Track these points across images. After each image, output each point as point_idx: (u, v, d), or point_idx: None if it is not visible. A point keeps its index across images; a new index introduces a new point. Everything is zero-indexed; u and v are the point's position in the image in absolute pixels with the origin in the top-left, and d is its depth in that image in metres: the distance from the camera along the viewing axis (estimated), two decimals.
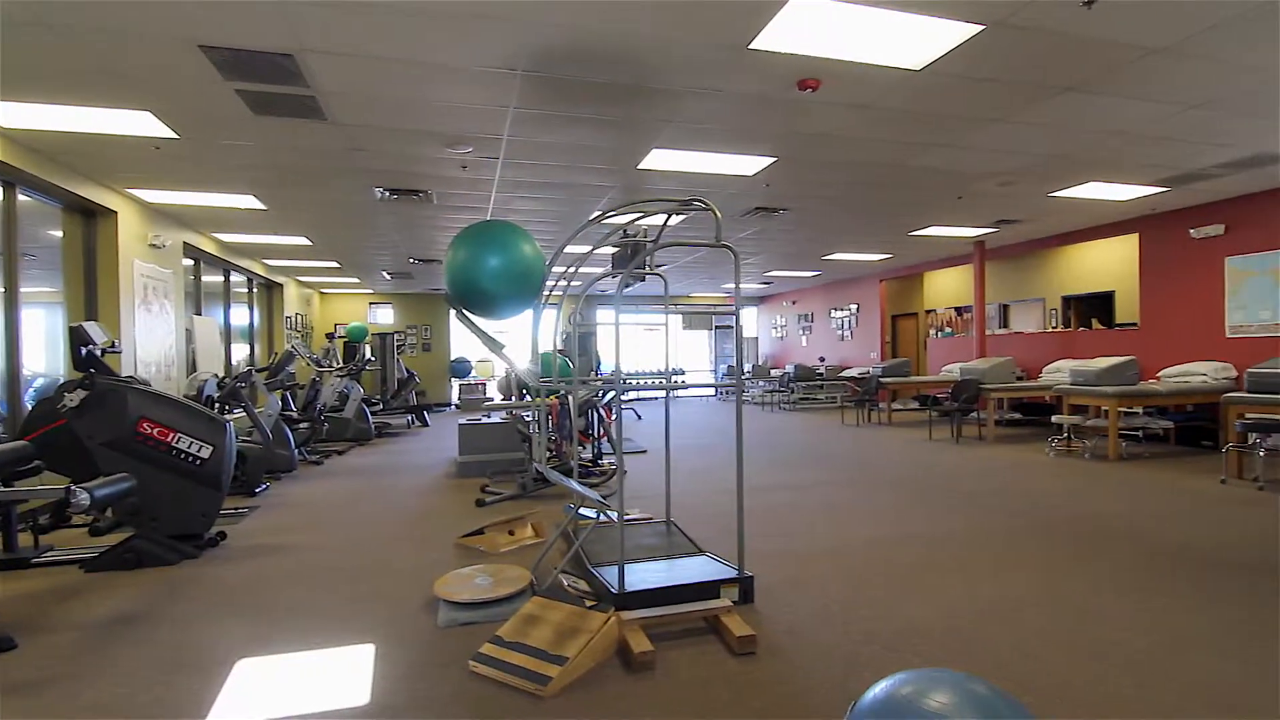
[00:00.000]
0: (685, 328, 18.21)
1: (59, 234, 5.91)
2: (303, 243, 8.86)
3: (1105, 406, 6.90)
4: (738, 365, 3.38)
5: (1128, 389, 6.83)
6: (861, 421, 10.89)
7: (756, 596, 3.11)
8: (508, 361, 3.62)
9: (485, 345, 3.53)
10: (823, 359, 15.39)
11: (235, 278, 9.97)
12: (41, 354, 5.70)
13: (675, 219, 7.57)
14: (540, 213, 7.30)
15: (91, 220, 6.05)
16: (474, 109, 4.29)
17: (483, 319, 3.49)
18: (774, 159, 5.49)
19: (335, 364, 10.13)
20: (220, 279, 9.45)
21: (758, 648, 2.59)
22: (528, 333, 3.76)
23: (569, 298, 4.01)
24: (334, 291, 15.29)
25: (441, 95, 4.06)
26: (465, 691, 2.29)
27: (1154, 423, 7.26)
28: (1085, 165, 5.83)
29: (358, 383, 9.64)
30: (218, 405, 5.92)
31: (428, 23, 3.17)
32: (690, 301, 18.00)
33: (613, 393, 6.65)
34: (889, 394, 11.08)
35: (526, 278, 3.28)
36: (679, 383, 3.53)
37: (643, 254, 3.33)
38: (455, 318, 3.39)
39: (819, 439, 8.89)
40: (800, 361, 15.79)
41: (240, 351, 10.26)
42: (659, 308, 16.25)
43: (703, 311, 18.15)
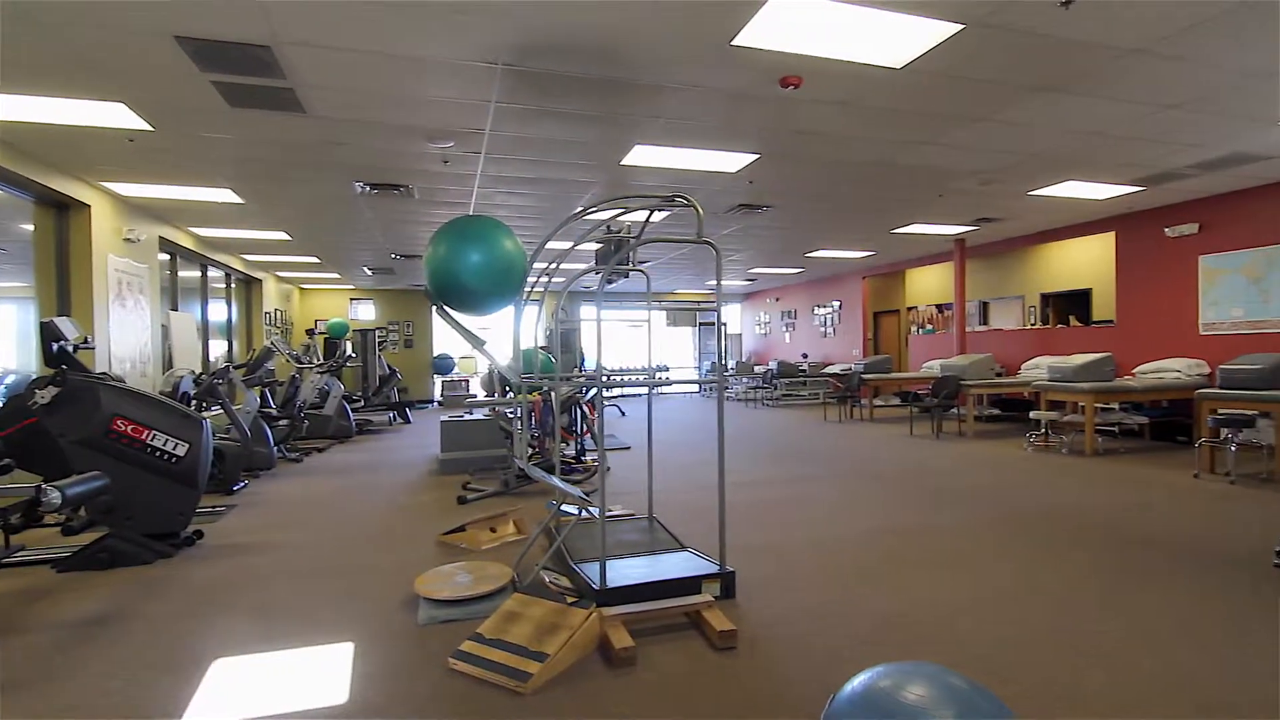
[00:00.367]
0: (669, 324, 18.22)
1: (30, 228, 5.79)
2: (282, 237, 8.75)
3: (1082, 402, 7.00)
4: (719, 362, 3.39)
5: (1104, 385, 6.93)
6: (844, 418, 10.97)
7: (738, 591, 3.12)
8: (489, 358, 3.60)
9: (467, 341, 3.51)
10: (805, 355, 15.47)
11: (213, 273, 9.83)
12: (13, 350, 5.59)
13: (658, 215, 7.57)
14: (523, 208, 7.27)
15: (64, 214, 5.93)
16: (455, 103, 4.26)
17: (464, 315, 3.46)
18: (757, 156, 5.50)
19: (315, 360, 10.02)
20: (197, 274, 9.32)
21: (738, 642, 2.60)
22: (510, 329, 3.74)
23: (551, 294, 3.99)
24: (314, 287, 15.13)
25: (422, 89, 4.02)
26: (445, 689, 2.28)
27: (1129, 418, 7.38)
28: (1063, 164, 5.90)
29: (338, 379, 9.55)
30: (195, 402, 5.83)
31: (407, 15, 3.14)
32: (674, 298, 18.01)
33: (596, 389, 6.63)
34: (871, 390, 11.16)
35: (508, 274, 3.26)
36: (662, 379, 3.53)
37: (625, 250, 3.33)
38: (436, 314, 3.36)
39: (802, 435, 8.94)
40: (783, 358, 15.88)
41: (218, 348, 10.12)
42: (642, 304, 16.25)
43: (687, 308, 18.17)
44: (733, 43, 3.46)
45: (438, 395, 15.59)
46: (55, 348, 3.97)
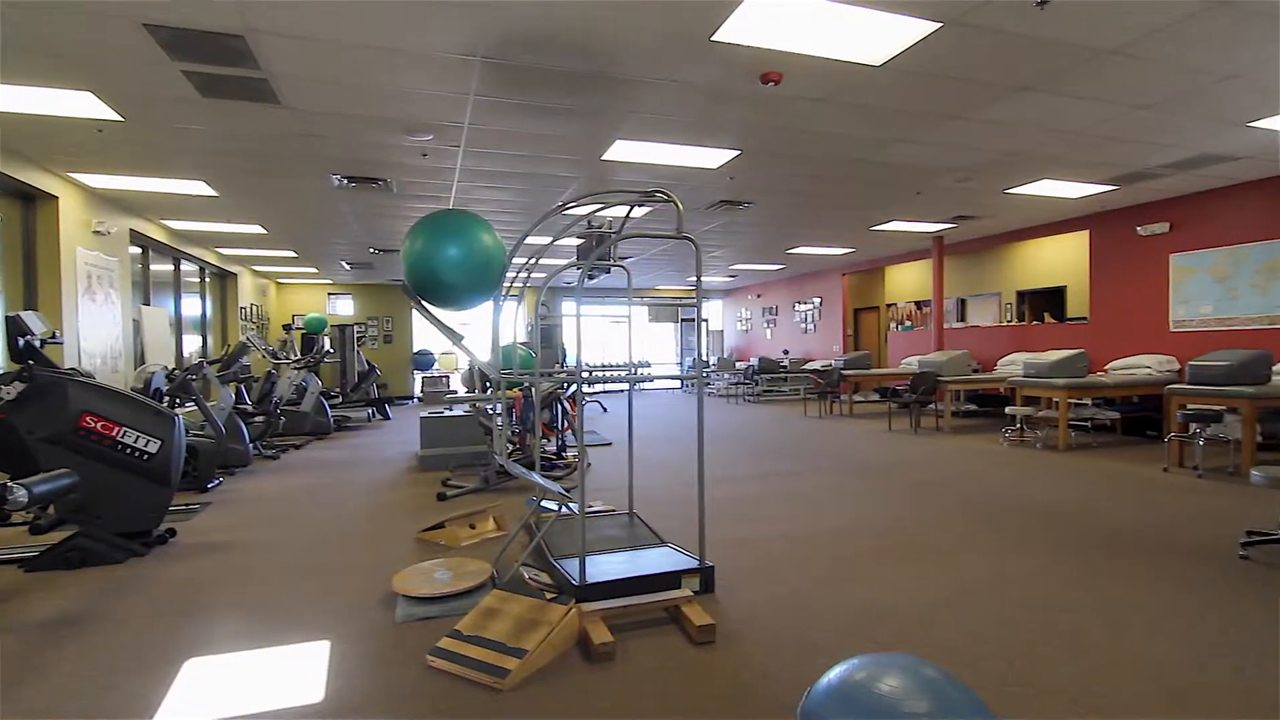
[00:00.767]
0: (651, 320, 18.22)
1: None
2: (257, 231, 8.62)
3: (1056, 398, 7.12)
4: (698, 358, 3.39)
5: (1077, 381, 7.05)
6: (823, 413, 11.05)
7: (717, 586, 3.14)
8: (468, 353, 3.57)
9: (445, 336, 3.48)
10: (787, 352, 15.56)
11: (186, 266, 9.66)
12: None
13: (639, 211, 7.56)
14: (504, 203, 7.22)
15: (30, 205, 5.79)
16: (433, 96, 4.21)
17: (442, 310, 3.43)
18: (738, 152, 5.51)
19: (292, 356, 9.89)
20: (170, 268, 9.15)
21: (717, 636, 2.61)
22: (490, 324, 3.71)
23: (531, 289, 3.97)
24: (291, 281, 14.92)
25: (400, 81, 3.97)
26: (422, 686, 2.27)
27: (1102, 413, 7.52)
28: (1038, 163, 5.98)
29: (316, 375, 9.43)
30: (167, 398, 5.73)
31: (383, 6, 3.10)
32: (656, 294, 18.02)
33: (582, 385, 6.62)
34: (850, 386, 11.26)
35: (486, 268, 3.24)
36: (643, 375, 3.53)
37: (605, 245, 3.32)
38: (414, 309, 3.33)
39: (782, 431, 9.00)
40: (764, 354, 15.94)
41: (193, 343, 9.95)
42: (624, 300, 16.25)
43: (668, 304, 18.19)
44: (713, 38, 3.46)
45: (418, 391, 15.47)
46: (21, 343, 3.88)
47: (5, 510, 3.16)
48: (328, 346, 10.45)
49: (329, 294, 15.23)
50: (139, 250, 7.98)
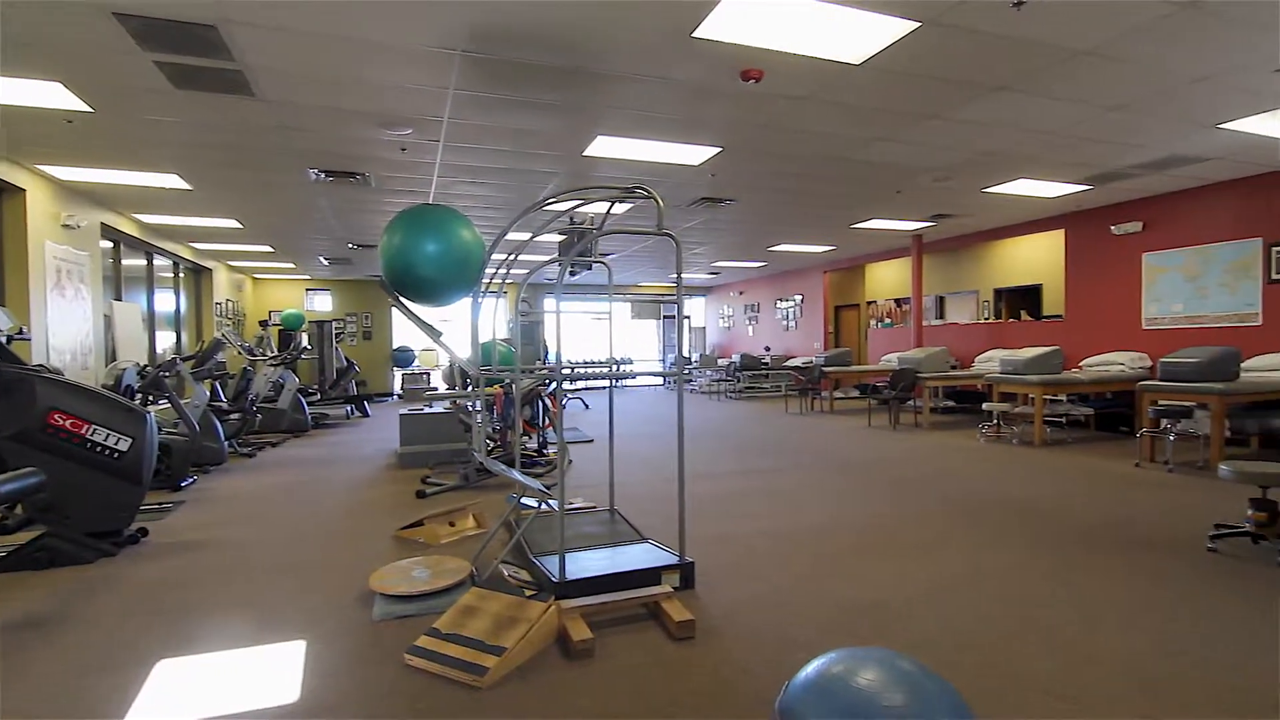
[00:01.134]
0: (634, 317, 18.21)
1: None
2: (233, 225, 8.48)
3: (1032, 394, 7.22)
4: (679, 354, 3.40)
5: (1052, 377, 7.15)
6: (804, 410, 11.12)
7: (698, 582, 3.14)
8: (446, 350, 3.55)
9: (424, 333, 3.45)
10: (768, 349, 15.64)
11: (160, 261, 9.48)
12: None
13: (620, 207, 7.55)
14: (485, 198, 7.17)
15: None
16: (412, 89, 4.17)
17: (420, 306, 3.40)
18: (719, 149, 5.51)
19: (269, 353, 9.76)
20: (143, 262, 8.97)
21: (696, 632, 2.61)
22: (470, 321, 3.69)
23: (513, 285, 3.95)
24: (268, 277, 14.71)
25: (378, 74, 3.92)
26: (399, 685, 2.25)
27: (1076, 409, 7.64)
28: (1015, 162, 6.06)
29: (293, 372, 9.31)
30: (140, 395, 5.63)
31: None
32: (638, 291, 18.01)
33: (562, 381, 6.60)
34: (831, 383, 11.34)
35: (465, 264, 3.21)
36: (625, 372, 3.52)
37: (586, 241, 3.30)
38: (392, 305, 3.30)
39: (763, 427, 9.04)
40: (746, 351, 16.01)
41: (166, 340, 9.78)
42: (606, 296, 16.22)
43: (650, 300, 18.19)
44: (694, 34, 3.46)
45: (398, 388, 15.33)
46: None
47: None
48: (305, 343, 10.33)
49: (307, 289, 15.04)
50: (110, 244, 7.81)
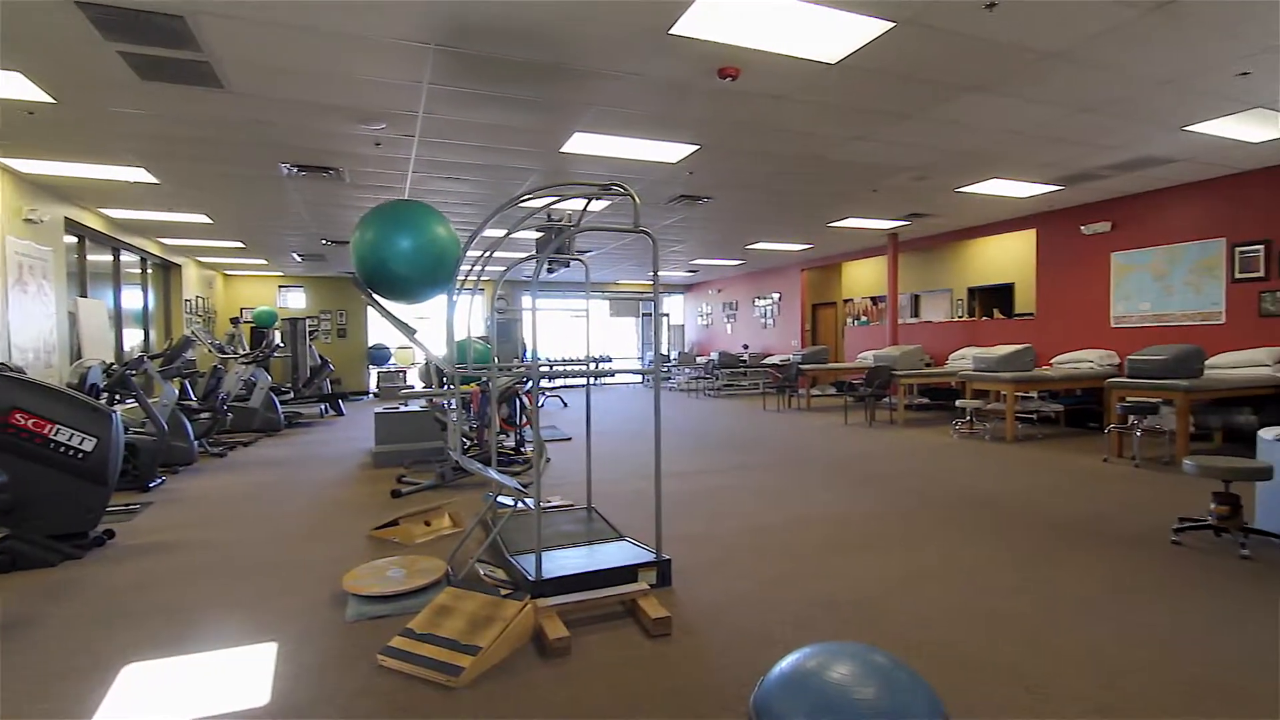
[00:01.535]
0: (613, 315, 18.19)
1: None
2: (202, 221, 8.31)
3: (1004, 391, 7.33)
4: (656, 352, 3.40)
5: (1023, 375, 7.28)
6: (782, 407, 11.19)
7: (674, 578, 3.15)
8: (421, 347, 3.51)
9: (398, 330, 3.41)
10: (746, 346, 15.71)
11: (126, 257, 9.26)
12: None
13: (598, 204, 7.53)
14: (461, 194, 7.11)
15: None
16: (386, 83, 4.12)
17: (394, 303, 3.36)
18: (697, 147, 5.52)
19: (240, 350, 9.59)
20: (109, 258, 8.76)
21: (673, 629, 2.62)
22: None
23: (489, 282, 3.91)
24: (239, 274, 14.46)
25: (350, 67, 3.87)
26: (373, 686, 2.22)
27: (1047, 406, 7.78)
28: (988, 162, 6.14)
29: (265, 370, 9.16)
30: (106, 394, 5.50)
31: None
32: (617, 288, 17.99)
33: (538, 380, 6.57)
34: (808, 380, 11.43)
35: (440, 261, 3.17)
36: (603, 370, 3.51)
37: (562, 238, 3.29)
38: (365, 302, 3.25)
39: (741, 424, 9.08)
40: (725, 349, 16.07)
41: (134, 337, 9.56)
42: (584, 293, 16.16)
43: (629, 298, 18.18)
44: (670, 31, 3.46)
45: (373, 387, 15.16)
46: None
47: None
48: (278, 341, 10.16)
49: (280, 286, 14.81)
50: (75, 240, 7.62)
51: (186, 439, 6.18)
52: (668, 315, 19.49)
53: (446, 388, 6.25)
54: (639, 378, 17.83)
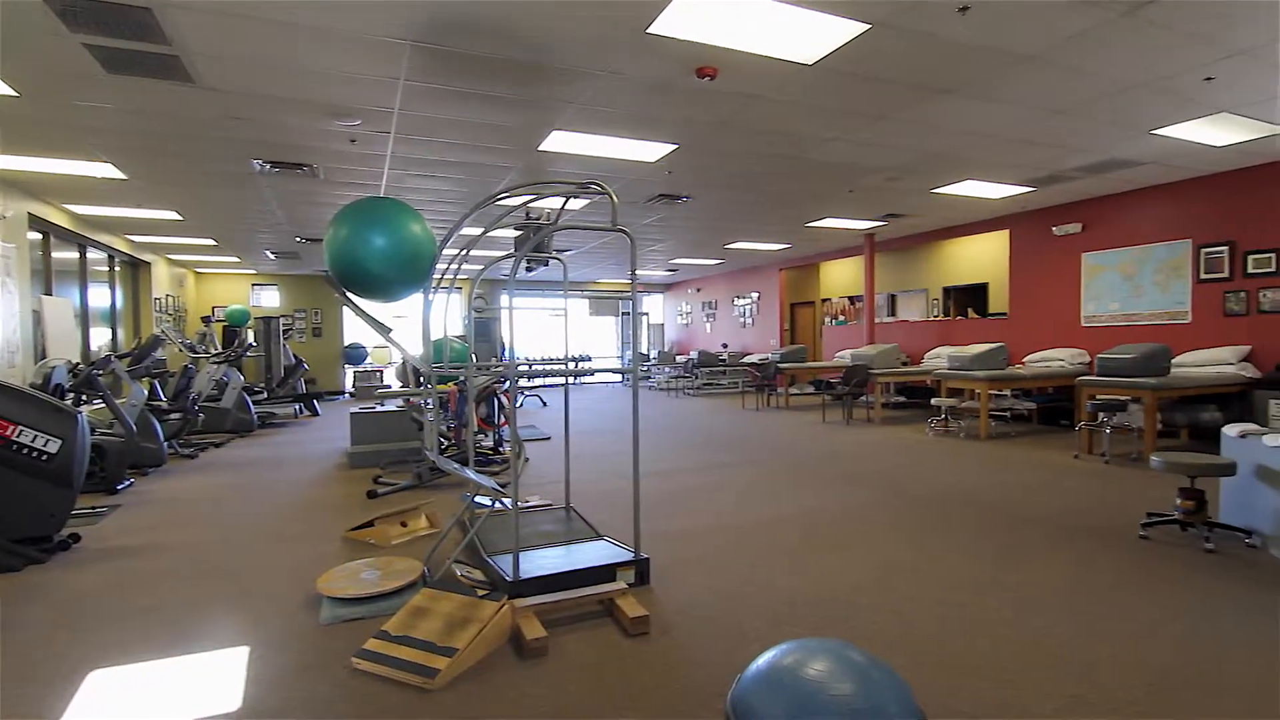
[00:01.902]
0: (592, 314, 18.15)
1: None
2: (172, 217, 8.14)
3: (978, 389, 7.44)
4: (634, 351, 3.39)
5: (997, 373, 7.39)
6: (761, 406, 11.24)
7: (653, 577, 3.15)
8: (397, 346, 3.47)
9: (373, 329, 3.37)
10: (726, 345, 15.77)
11: (94, 254, 9.05)
12: None
13: (576, 203, 7.51)
14: (438, 192, 7.04)
15: None
16: (361, 79, 4.06)
17: (369, 302, 3.32)
18: (675, 146, 5.52)
19: (212, 350, 9.42)
20: (75, 255, 8.55)
21: (651, 627, 2.62)
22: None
23: (466, 280, 3.88)
24: (211, 271, 14.19)
25: (325, 62, 3.81)
26: (347, 690, 2.19)
27: (1020, 404, 7.90)
28: (962, 164, 6.22)
29: (238, 370, 9.01)
30: (72, 395, 5.37)
31: None
32: (597, 288, 17.96)
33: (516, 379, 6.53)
34: (787, 379, 11.50)
35: (415, 259, 3.14)
36: (581, 369, 3.50)
37: (540, 236, 3.27)
38: (339, 300, 3.21)
39: (720, 423, 9.11)
40: (704, 348, 16.12)
41: (101, 336, 9.35)
42: (563, 293, 16.10)
43: (609, 297, 18.15)
44: (648, 30, 3.45)
45: (349, 386, 14.98)
46: None
47: None
48: (251, 340, 10.00)
49: (253, 285, 14.56)
50: (39, 236, 7.42)
51: (156, 440, 6.05)
52: (647, 314, 19.50)
53: (423, 387, 6.19)
54: (618, 377, 17.82)
